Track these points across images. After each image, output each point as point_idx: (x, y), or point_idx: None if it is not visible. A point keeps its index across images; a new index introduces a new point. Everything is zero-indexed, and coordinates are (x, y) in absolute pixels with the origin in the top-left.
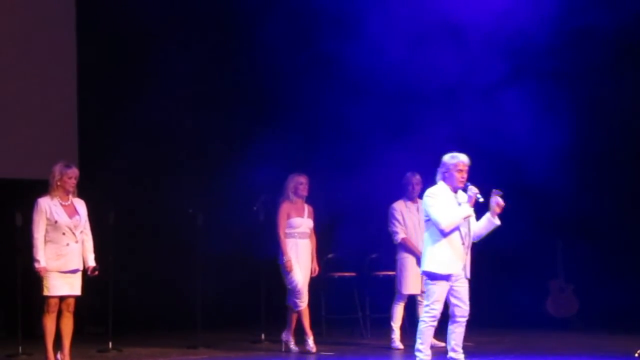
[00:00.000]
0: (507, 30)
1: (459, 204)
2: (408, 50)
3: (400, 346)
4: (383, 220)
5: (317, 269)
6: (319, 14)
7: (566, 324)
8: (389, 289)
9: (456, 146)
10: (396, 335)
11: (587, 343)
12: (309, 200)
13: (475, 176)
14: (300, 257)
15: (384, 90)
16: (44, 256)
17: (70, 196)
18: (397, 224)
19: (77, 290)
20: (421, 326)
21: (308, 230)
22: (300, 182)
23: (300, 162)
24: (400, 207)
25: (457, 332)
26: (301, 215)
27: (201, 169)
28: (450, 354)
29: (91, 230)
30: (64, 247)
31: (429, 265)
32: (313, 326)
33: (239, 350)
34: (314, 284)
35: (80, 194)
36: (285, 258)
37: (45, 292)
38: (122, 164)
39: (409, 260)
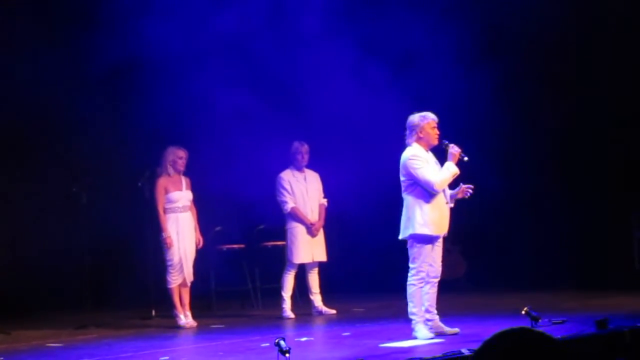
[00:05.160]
0: None
1: (436, 162)
2: None
3: (292, 315)
4: (270, 190)
5: (201, 239)
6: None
7: (454, 285)
8: (278, 259)
9: None
10: (287, 304)
11: (475, 303)
12: (189, 173)
13: None
14: (182, 232)
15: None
16: None
17: None
18: (285, 193)
19: None
20: (410, 290)
21: (188, 203)
22: (179, 157)
23: (182, 135)
24: (288, 177)
25: (430, 293)
26: (179, 189)
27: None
28: (425, 315)
29: None
30: None
31: (419, 228)
32: (203, 299)
33: (130, 328)
34: (202, 257)
35: None
36: (164, 234)
37: None
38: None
39: (299, 229)
